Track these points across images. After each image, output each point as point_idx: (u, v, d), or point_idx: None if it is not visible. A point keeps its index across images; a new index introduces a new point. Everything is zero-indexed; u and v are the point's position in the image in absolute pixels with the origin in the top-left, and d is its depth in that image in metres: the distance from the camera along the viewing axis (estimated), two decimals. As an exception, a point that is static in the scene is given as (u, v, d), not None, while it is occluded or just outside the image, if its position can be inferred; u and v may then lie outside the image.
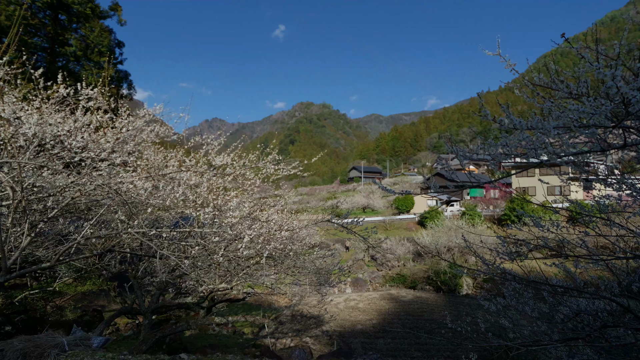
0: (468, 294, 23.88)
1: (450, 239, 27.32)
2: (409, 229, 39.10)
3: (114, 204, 5.30)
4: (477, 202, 42.65)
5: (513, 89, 3.45)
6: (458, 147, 3.33)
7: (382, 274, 28.92)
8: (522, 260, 3.95)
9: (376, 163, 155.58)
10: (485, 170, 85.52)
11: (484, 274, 4.26)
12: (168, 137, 6.40)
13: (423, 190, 58.01)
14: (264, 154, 6.61)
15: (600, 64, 2.42)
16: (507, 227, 6.39)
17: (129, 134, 5.51)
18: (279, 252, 7.66)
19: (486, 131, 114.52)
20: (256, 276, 8.68)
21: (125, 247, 6.58)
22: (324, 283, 10.90)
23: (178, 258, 5.31)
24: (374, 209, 57.08)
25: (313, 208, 57.20)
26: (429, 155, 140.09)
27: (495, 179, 3.74)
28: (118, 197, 4.88)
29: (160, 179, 5.44)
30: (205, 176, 6.03)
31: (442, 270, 24.87)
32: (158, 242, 5.41)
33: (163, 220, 6.93)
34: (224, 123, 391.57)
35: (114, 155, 5.26)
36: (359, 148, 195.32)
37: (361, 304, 21.90)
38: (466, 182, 3.67)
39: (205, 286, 7.94)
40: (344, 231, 7.47)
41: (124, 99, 6.35)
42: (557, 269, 3.86)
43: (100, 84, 5.44)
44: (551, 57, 3.31)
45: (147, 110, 5.88)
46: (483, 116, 2.99)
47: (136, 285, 8.38)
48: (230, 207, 5.54)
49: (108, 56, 13.07)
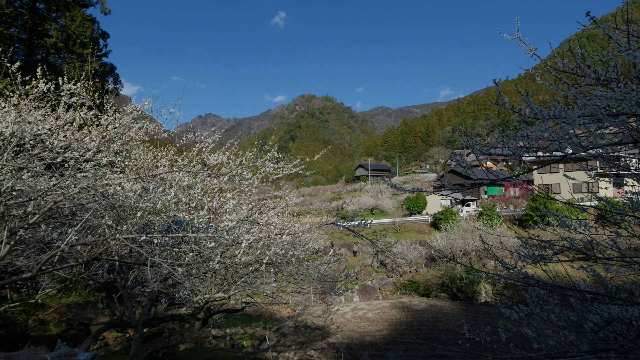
0: (487, 302, 23.79)
1: (466, 242, 27.23)
2: (421, 231, 39.01)
3: (101, 208, 5.32)
4: (495, 201, 42.49)
5: (534, 76, 3.42)
6: (474, 141, 3.31)
7: (392, 280, 28.89)
8: (547, 263, 3.92)
9: (384, 160, 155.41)
10: (504, 166, 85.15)
11: (504, 280, 4.24)
12: (158, 135, 6.41)
13: (436, 188, 57.82)
14: (262, 152, 6.61)
15: (631, 46, 2.39)
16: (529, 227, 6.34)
17: (115, 132, 5.52)
18: (280, 258, 7.67)
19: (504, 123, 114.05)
20: (256, 284, 8.68)
21: (114, 255, 6.60)
22: (329, 291, 10.90)
23: (171, 266, 5.32)
24: (382, 210, 57.01)
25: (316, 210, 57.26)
26: (442, 150, 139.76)
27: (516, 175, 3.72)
28: (105, 201, 4.89)
29: (151, 181, 5.46)
30: (199, 177, 6.04)
31: (458, 275, 24.81)
32: (149, 248, 5.42)
33: (154, 225, 6.95)
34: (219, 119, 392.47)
35: (100, 155, 5.27)
36: (365, 144, 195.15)
37: (370, 313, 21.88)
38: (483, 180, 3.65)
39: (200, 296, 7.96)
40: (351, 235, 7.46)
41: (110, 94, 6.38)
42: (585, 273, 3.83)
43: (83, 78, 5.46)
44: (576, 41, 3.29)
45: (135, 106, 5.89)
46: (501, 106, 2.97)
47: (126, 295, 8.41)
48: (226, 210, 5.54)
49: (91, 48, 13.12)
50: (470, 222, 32.29)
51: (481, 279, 24.02)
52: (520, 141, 3.09)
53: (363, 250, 33.65)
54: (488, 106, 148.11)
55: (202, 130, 6.67)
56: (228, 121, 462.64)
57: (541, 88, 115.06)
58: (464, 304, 23.54)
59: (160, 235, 5.28)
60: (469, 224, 31.51)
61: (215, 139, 6.66)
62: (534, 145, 3.04)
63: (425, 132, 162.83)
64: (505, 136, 3.11)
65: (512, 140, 3.07)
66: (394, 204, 59.11)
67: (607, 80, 2.77)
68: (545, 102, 3.48)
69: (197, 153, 6.32)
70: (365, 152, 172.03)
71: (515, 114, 2.79)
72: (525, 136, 2.95)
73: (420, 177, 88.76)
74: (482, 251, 26.62)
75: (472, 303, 23.71)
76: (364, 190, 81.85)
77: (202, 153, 6.37)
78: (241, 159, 6.48)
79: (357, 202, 57.96)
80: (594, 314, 4.02)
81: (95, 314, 13.73)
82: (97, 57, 22.82)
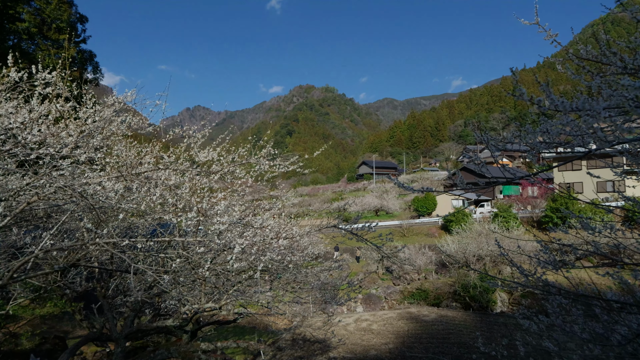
0: (503, 312, 23.83)
1: (480, 246, 27.26)
2: (430, 234, 39.05)
3: (79, 210, 5.32)
4: (512, 201, 42.52)
5: (554, 64, 3.43)
6: (488, 135, 3.32)
7: (399, 288, 28.93)
8: (569, 270, 3.93)
9: (390, 157, 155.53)
10: (521, 163, 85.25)
11: (522, 287, 4.25)
12: (142, 129, 6.41)
13: (447, 188, 57.92)
14: (256, 148, 6.61)
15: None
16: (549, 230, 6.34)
17: (95, 125, 5.52)
18: (276, 265, 7.67)
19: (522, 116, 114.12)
20: (249, 293, 8.69)
21: (93, 261, 6.60)
22: (330, 300, 10.92)
23: (156, 273, 5.32)
24: (388, 211, 57.05)
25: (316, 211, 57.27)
26: (453, 146, 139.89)
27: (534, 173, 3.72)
28: (83, 202, 4.89)
29: (134, 179, 5.46)
30: (187, 175, 6.04)
31: (471, 283, 24.84)
32: (132, 254, 5.43)
33: (138, 228, 6.95)
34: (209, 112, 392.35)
35: (78, 152, 5.27)
36: (369, 139, 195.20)
37: (375, 325, 21.91)
38: (499, 178, 3.66)
39: (188, 306, 7.96)
40: (354, 239, 7.47)
41: (89, 85, 6.37)
42: (611, 280, 3.84)
43: (59, 67, 5.45)
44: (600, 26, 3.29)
45: (116, 98, 5.89)
46: (518, 97, 2.97)
47: (106, 306, 8.42)
48: (217, 212, 5.54)
49: (68, 33, 13.10)
50: (485, 225, 32.33)
51: (497, 287, 24.05)
52: (539, 136, 3.09)
53: (367, 256, 33.68)
54: (504, 97, 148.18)
55: (190, 124, 6.67)
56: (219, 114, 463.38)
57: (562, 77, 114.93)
58: (477, 314, 23.58)
59: (144, 239, 5.28)
60: (483, 226, 31.55)
61: (205, 133, 6.67)
62: (555, 140, 3.05)
63: (435, 125, 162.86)
64: (522, 130, 3.12)
65: (530, 134, 3.08)
66: (400, 204, 59.15)
67: (635, 69, 2.77)
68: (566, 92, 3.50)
69: (185, 149, 6.33)
70: (369, 148, 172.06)
71: (533, 106, 2.80)
72: (545, 130, 2.96)
73: (429, 176, 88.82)
74: (498, 256, 26.65)
75: (486, 313, 23.75)
76: (368, 189, 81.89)
77: (190, 149, 6.37)
78: (233, 156, 6.48)
79: (360, 202, 57.98)
80: (621, 325, 4.03)
81: (72, 326, 13.73)
82: (74, 44, 22.80)
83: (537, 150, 3.16)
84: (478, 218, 38.69)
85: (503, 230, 29.65)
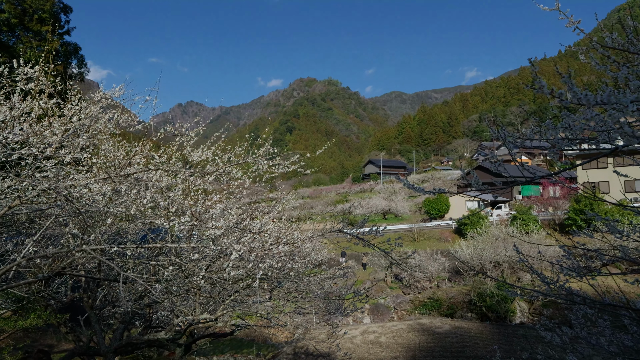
0: (522, 323, 23.75)
1: (497, 252, 27.20)
2: (443, 239, 39.00)
3: (64, 214, 5.35)
4: (531, 202, 42.40)
5: (577, 53, 3.43)
6: (505, 131, 3.31)
7: (409, 298, 28.90)
8: (594, 277, 3.92)
9: (399, 155, 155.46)
10: (541, 161, 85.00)
11: (543, 297, 4.24)
12: (131, 127, 6.44)
13: (461, 188, 57.77)
14: (254, 147, 6.63)
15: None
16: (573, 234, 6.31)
17: (81, 123, 5.55)
18: (276, 272, 7.68)
19: (542, 110, 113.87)
20: (247, 303, 8.70)
21: (79, 269, 6.63)
22: (334, 311, 10.92)
23: (147, 282, 5.34)
24: (397, 214, 57.02)
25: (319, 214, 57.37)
26: (467, 143, 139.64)
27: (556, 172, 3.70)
28: (69, 205, 4.92)
29: (123, 181, 5.48)
30: (180, 176, 6.06)
31: (487, 292, 24.78)
32: (121, 261, 5.45)
33: (127, 234, 6.97)
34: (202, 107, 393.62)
35: (63, 152, 5.30)
36: (376, 136, 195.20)
37: (383, 337, 21.88)
38: (517, 177, 3.65)
39: (182, 317, 7.98)
40: (360, 244, 7.47)
41: (74, 80, 6.40)
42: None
43: (42, 60, 5.48)
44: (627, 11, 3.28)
45: (103, 93, 5.92)
46: (537, 89, 2.97)
47: (93, 317, 8.45)
48: (212, 216, 5.56)
49: (52, 24, 13.17)
50: (502, 228, 32.25)
51: (516, 296, 23.98)
52: (560, 132, 3.09)
53: (374, 263, 33.66)
54: (522, 90, 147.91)
55: (183, 121, 6.69)
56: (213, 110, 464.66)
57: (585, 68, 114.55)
58: (495, 325, 23.52)
59: (134, 245, 5.30)
60: (500, 230, 31.47)
61: (199, 131, 6.69)
62: (578, 136, 3.04)
63: (447, 121, 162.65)
64: (542, 126, 3.11)
65: (551, 130, 3.07)
66: (410, 206, 59.11)
67: (664, 58, 2.76)
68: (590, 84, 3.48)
69: (177, 148, 6.35)
70: (375, 146, 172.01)
71: (554, 99, 2.79)
72: (567, 126, 2.95)
73: (441, 175, 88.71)
74: (517, 262, 26.57)
75: (505, 324, 23.69)
76: (375, 190, 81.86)
77: (183, 148, 6.39)
78: (229, 155, 6.50)
79: (366, 204, 57.98)
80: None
81: (57, 340, 13.78)
82: (58, 35, 22.90)
83: (559, 147, 3.16)
84: (495, 221, 38.58)
85: (522, 234, 29.56)
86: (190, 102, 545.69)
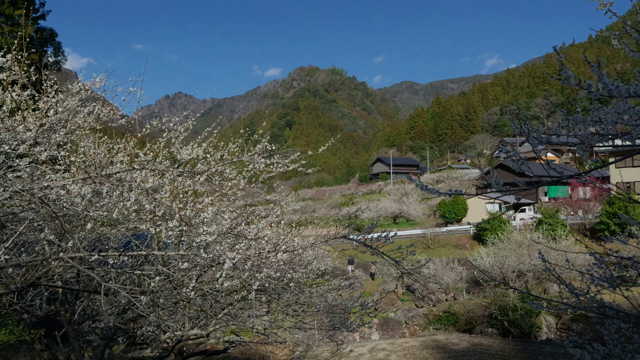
0: (549, 339, 23.71)
1: (521, 260, 27.14)
2: (460, 245, 38.94)
3: (39, 218, 5.37)
4: (559, 205, 42.33)
5: (609, 39, 3.42)
6: (529, 126, 3.32)
7: (423, 311, 28.87)
8: (629, 287, 3.92)
9: (411, 152, 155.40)
10: (569, 159, 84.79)
11: (572, 310, 4.24)
12: (113, 122, 6.46)
13: (480, 189, 57.74)
14: (249, 143, 6.64)
15: None
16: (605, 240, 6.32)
17: (57, 118, 5.57)
18: (274, 283, 7.69)
19: (570, 102, 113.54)
20: (242, 318, 8.72)
21: (56, 280, 6.66)
22: (339, 326, 10.91)
23: (131, 293, 5.36)
24: (409, 218, 56.98)
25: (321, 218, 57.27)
26: (487, 138, 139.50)
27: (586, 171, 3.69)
28: (44, 209, 4.94)
29: (104, 182, 5.50)
30: (168, 176, 6.08)
31: (510, 305, 24.73)
32: (102, 271, 5.47)
33: (109, 240, 7.00)
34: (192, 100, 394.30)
35: (38, 149, 5.32)
36: (385, 131, 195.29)
37: (394, 355, 21.88)
38: (543, 177, 3.66)
39: (170, 333, 8.01)
40: (367, 252, 7.47)
41: (50, 69, 6.43)
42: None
43: (15, 48, 5.51)
44: (665, -8, 3.28)
45: (82, 84, 5.94)
46: (564, 80, 2.96)
47: (72, 333, 8.48)
48: (203, 220, 5.57)
49: (25, 7, 13.20)
50: (526, 234, 32.19)
51: (542, 309, 23.91)
52: (590, 126, 3.09)
53: (384, 272, 33.64)
54: (548, 79, 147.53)
55: (170, 115, 6.70)
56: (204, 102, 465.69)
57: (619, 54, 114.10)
58: (518, 342, 23.47)
59: (117, 253, 5.32)
60: (524, 235, 31.41)
61: (188, 126, 6.70)
62: (610, 131, 3.04)
63: (465, 114, 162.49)
64: (570, 120, 3.11)
65: (579, 124, 3.07)
66: (423, 210, 59.03)
67: None
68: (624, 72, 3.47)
69: (164, 145, 6.36)
70: (385, 142, 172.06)
71: (583, 91, 2.79)
72: (598, 119, 2.95)
73: (458, 175, 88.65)
74: (543, 272, 26.52)
75: (529, 341, 23.64)
76: (384, 192, 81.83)
77: (171, 145, 6.40)
78: (222, 153, 6.51)
79: (375, 207, 57.92)
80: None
81: (31, 357, 13.81)
82: (32, 20, 22.97)
83: (589, 143, 3.16)
84: (518, 225, 38.50)
85: (549, 240, 29.49)
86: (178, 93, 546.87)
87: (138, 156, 6.09)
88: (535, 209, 47.42)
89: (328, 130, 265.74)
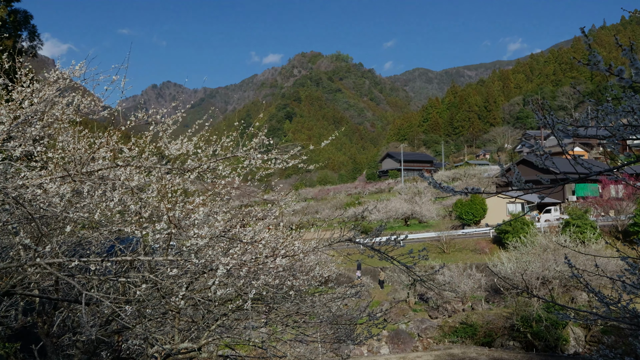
0: (577, 353, 23.67)
1: (546, 265, 27.11)
2: (479, 250, 38.89)
3: (13, 220, 5.38)
4: (588, 204, 42.20)
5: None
6: (554, 117, 3.31)
7: (437, 322, 28.86)
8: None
9: (424, 147, 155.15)
10: (599, 153, 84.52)
11: (602, 320, 4.24)
12: (95, 114, 6.47)
13: (500, 188, 57.55)
14: (245, 137, 6.64)
15: None
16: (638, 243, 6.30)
17: (33, 109, 5.58)
18: (272, 291, 7.70)
19: (600, 90, 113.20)
20: (238, 329, 8.73)
21: (33, 288, 6.68)
22: (344, 339, 10.92)
23: (115, 303, 5.37)
24: (421, 219, 56.92)
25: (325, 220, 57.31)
26: (508, 131, 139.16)
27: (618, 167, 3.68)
28: (19, 210, 4.95)
29: (85, 180, 5.51)
30: (155, 173, 6.09)
31: (534, 315, 24.72)
32: (83, 278, 5.48)
33: (90, 245, 7.02)
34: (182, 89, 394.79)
35: (12, 144, 5.34)
36: (395, 123, 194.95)
37: (405, 371, 21.87)
38: (570, 174, 3.64)
39: (158, 347, 8.02)
40: (375, 257, 7.47)
41: (25, 56, 6.44)
42: None
43: (-14, 33, 5.52)
44: None
45: (60, 72, 5.95)
46: (591, 66, 2.95)
47: (50, 347, 8.51)
48: (194, 222, 5.58)
49: (-3, -11, 13.22)
50: (552, 236, 32.14)
51: (569, 320, 23.89)
52: (623, 117, 3.08)
53: (394, 280, 33.64)
54: (575, 65, 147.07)
55: (158, 107, 6.71)
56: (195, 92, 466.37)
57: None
58: (543, 356, 23.47)
59: (99, 259, 5.34)
60: (549, 238, 31.37)
61: (177, 118, 6.71)
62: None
63: (484, 104, 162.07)
64: (600, 110, 3.10)
65: (610, 115, 3.07)
66: (438, 210, 58.96)
67: None
68: (660, 58, 3.41)
69: (151, 139, 6.37)
70: (395, 136, 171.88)
71: (613, 78, 2.79)
72: (630, 109, 2.94)
73: (476, 171, 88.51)
74: (570, 279, 26.46)
75: (555, 355, 23.63)
76: (394, 191, 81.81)
77: (158, 139, 6.41)
78: (215, 148, 6.51)
79: (384, 208, 57.92)
80: None
81: (6, 374, 13.87)
82: (4, 2, 23.01)
83: (621, 136, 3.15)
84: (543, 227, 38.44)
85: (577, 243, 29.45)
86: (167, 82, 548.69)
87: (122, 152, 6.10)
88: (562, 209, 47.34)
89: (332, 123, 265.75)
